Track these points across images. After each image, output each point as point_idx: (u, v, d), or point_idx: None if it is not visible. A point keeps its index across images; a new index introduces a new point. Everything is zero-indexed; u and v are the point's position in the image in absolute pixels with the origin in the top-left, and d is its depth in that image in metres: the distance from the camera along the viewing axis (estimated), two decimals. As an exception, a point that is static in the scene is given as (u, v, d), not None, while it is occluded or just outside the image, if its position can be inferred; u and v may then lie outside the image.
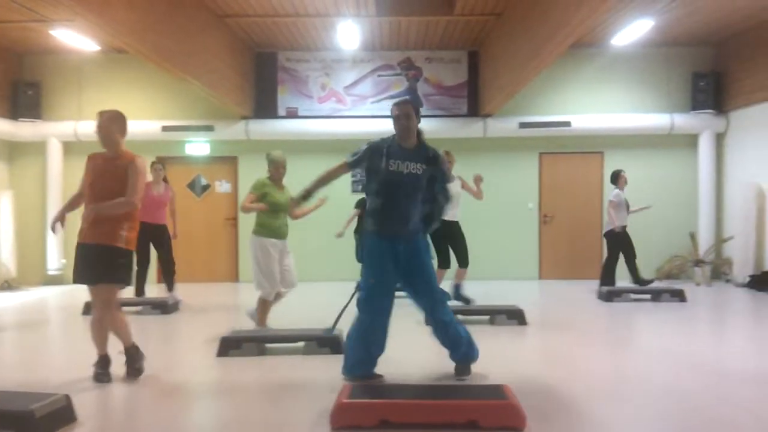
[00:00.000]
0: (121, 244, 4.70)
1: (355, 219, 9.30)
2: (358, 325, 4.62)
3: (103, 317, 4.77)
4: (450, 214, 7.69)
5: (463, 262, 8.09)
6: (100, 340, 4.86)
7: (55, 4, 6.06)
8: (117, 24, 6.74)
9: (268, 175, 6.33)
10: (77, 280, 4.74)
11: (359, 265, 5.04)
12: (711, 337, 6.48)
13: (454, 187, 7.91)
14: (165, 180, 8.88)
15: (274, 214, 6.19)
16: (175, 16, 8.10)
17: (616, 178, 9.40)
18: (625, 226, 9.26)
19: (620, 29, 10.02)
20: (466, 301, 8.01)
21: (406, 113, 4.51)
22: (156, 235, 8.64)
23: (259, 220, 6.21)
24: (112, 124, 4.95)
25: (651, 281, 9.35)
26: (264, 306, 6.27)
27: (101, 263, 4.62)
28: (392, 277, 4.60)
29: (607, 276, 9.36)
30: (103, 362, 4.85)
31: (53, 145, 11.49)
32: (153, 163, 8.78)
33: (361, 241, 4.81)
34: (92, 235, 4.64)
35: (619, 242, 9.24)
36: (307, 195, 4.70)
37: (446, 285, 6.83)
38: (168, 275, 8.85)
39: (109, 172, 4.76)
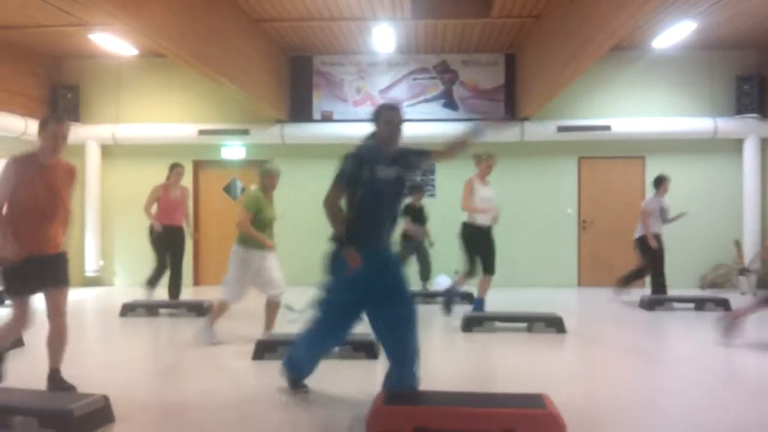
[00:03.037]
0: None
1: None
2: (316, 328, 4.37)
3: (62, 324, 4.44)
4: (482, 219, 7.57)
5: (490, 269, 7.68)
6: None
7: (93, 7, 6.09)
8: (155, 27, 6.79)
9: (259, 185, 6.33)
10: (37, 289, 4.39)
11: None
12: (755, 347, 6.26)
13: (488, 191, 7.80)
14: (180, 182, 8.78)
15: (263, 228, 6.22)
16: (211, 20, 8.15)
17: (659, 183, 9.15)
18: (658, 235, 8.99)
19: (662, 31, 9.80)
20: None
21: (401, 120, 4.24)
22: (173, 238, 8.59)
23: (247, 232, 6.18)
24: None
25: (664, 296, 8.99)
26: (222, 308, 6.30)
27: (64, 269, 4.50)
28: (358, 300, 4.20)
29: (657, 283, 9.04)
30: (56, 377, 4.45)
31: (91, 147, 11.64)
32: (174, 165, 8.69)
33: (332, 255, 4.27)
34: (57, 245, 4.45)
35: (649, 249, 8.95)
36: (345, 240, 4.15)
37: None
38: (175, 282, 8.68)
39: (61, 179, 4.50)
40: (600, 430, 3.73)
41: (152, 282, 8.62)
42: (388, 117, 4.20)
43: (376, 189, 4.12)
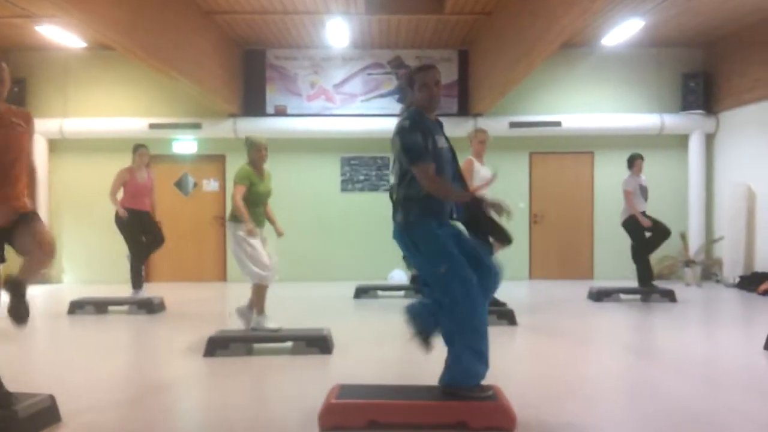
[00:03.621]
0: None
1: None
2: (469, 327, 3.73)
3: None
4: None
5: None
6: None
7: (39, -1, 5.97)
8: (103, 20, 6.65)
9: (248, 161, 6.05)
10: None
11: (349, 266, 4.88)
12: (700, 337, 6.47)
13: (486, 171, 7.66)
14: (147, 165, 8.51)
15: (255, 204, 5.94)
16: (162, 12, 8.02)
17: (631, 163, 9.10)
18: (643, 212, 8.92)
19: (610, 29, 10.00)
20: None
21: (437, 80, 3.88)
22: (143, 222, 8.32)
23: (236, 206, 5.90)
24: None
25: (652, 286, 8.98)
26: (260, 292, 5.93)
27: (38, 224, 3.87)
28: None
29: (643, 269, 8.97)
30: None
31: (39, 142, 11.31)
32: (136, 147, 8.43)
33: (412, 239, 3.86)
34: (24, 205, 3.94)
35: (638, 228, 8.88)
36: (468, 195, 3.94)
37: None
38: (145, 256, 8.45)
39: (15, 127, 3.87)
40: (550, 421, 3.80)
41: (136, 279, 8.29)
42: (423, 80, 3.85)
43: (439, 161, 3.82)
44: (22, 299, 3.75)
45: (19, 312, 3.72)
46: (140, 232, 8.31)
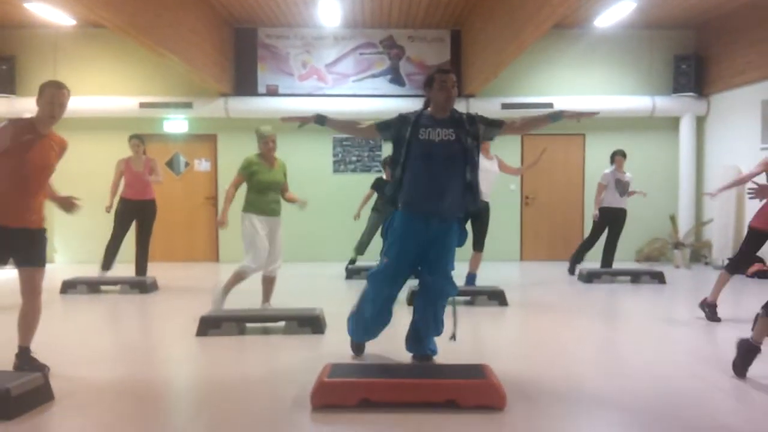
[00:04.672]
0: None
1: (373, 198, 9.36)
2: (363, 303, 4.58)
3: (37, 304, 4.32)
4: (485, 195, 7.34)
5: (479, 246, 7.82)
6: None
7: (28, -25, 5.90)
8: (93, -4, 6.58)
9: (257, 152, 6.26)
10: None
11: (341, 246, 5.00)
12: (687, 318, 6.53)
13: (487, 164, 7.67)
14: (144, 153, 8.64)
15: (261, 192, 6.14)
16: (153, -11, 7.94)
17: (612, 158, 9.36)
18: (620, 208, 9.25)
19: (603, 10, 9.97)
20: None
21: (454, 82, 4.26)
22: (140, 212, 8.44)
23: (248, 197, 6.18)
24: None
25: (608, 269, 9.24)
26: (237, 279, 6.08)
27: (43, 247, 4.37)
28: (409, 263, 4.37)
29: (607, 255, 9.38)
30: (26, 355, 4.30)
31: (28, 121, 11.25)
32: (131, 138, 8.61)
33: (388, 217, 4.49)
34: (39, 221, 4.27)
35: (602, 222, 9.27)
36: (322, 120, 4.49)
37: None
38: (142, 257, 8.52)
39: (53, 151, 4.36)
40: (539, 398, 3.85)
41: (107, 259, 8.38)
42: (442, 81, 4.22)
43: (418, 150, 4.20)
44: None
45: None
46: (129, 221, 8.44)
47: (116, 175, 8.52)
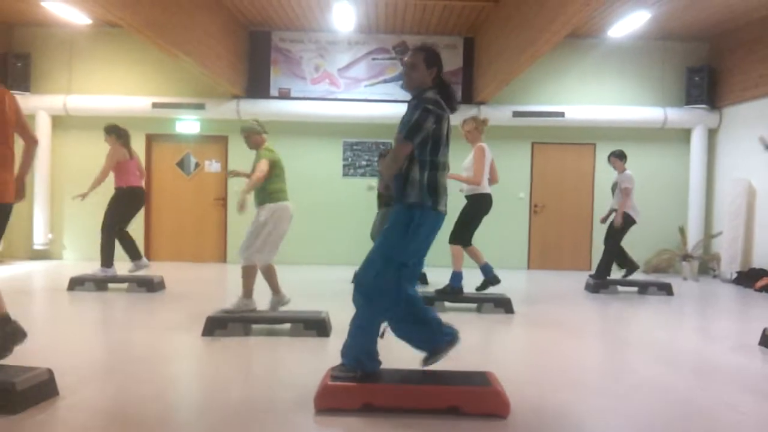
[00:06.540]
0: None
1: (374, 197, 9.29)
2: (376, 312, 3.91)
3: None
4: (465, 189, 7.21)
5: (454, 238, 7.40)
6: None
7: (45, -26, 5.96)
8: (109, -4, 6.64)
9: (261, 146, 6.39)
10: None
11: (348, 250, 4.93)
12: (695, 331, 6.51)
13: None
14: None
15: (282, 181, 6.07)
16: (168, -9, 8.00)
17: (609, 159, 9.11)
18: (614, 209, 8.98)
19: (617, 20, 9.98)
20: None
21: (411, 63, 3.85)
22: (141, 199, 8.37)
23: (273, 186, 5.97)
24: None
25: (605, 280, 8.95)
26: (252, 273, 5.92)
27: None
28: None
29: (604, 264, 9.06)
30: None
31: (42, 118, 11.35)
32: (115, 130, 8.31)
33: (398, 217, 3.80)
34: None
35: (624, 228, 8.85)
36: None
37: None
38: (131, 243, 8.34)
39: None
40: (543, 406, 3.84)
41: (106, 256, 8.20)
42: (440, 66, 3.92)
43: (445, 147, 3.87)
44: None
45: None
46: (139, 210, 8.37)
47: (113, 164, 8.14)
